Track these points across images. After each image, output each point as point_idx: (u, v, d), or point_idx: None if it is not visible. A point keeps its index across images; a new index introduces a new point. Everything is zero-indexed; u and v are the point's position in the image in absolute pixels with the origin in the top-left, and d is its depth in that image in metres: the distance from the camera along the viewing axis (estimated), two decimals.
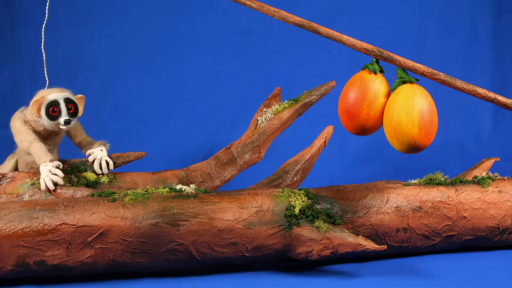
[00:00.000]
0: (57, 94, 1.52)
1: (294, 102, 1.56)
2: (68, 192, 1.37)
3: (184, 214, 1.22)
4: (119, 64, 2.43)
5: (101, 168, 1.53)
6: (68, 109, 1.51)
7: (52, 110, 1.48)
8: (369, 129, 1.30)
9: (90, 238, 1.18)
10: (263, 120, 1.55)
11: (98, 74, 2.43)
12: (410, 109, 1.21)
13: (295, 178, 1.52)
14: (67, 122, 1.49)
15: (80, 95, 1.58)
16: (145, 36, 2.44)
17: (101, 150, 1.56)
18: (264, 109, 1.56)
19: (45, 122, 1.50)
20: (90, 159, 1.54)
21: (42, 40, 1.66)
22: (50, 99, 1.50)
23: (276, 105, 1.56)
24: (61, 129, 1.51)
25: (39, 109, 1.49)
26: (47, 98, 1.50)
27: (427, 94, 1.24)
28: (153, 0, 2.46)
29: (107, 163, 1.54)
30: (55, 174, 1.42)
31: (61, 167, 1.46)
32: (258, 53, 2.40)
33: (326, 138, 1.58)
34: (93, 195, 1.29)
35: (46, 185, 1.41)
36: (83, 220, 1.18)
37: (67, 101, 1.51)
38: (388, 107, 1.25)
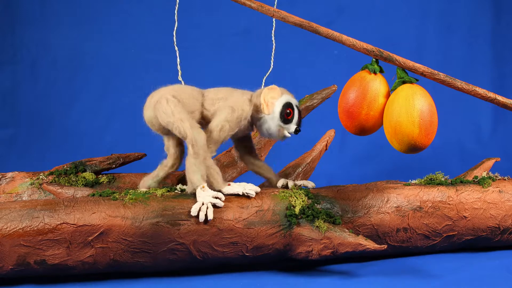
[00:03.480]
0: (291, 98, 1.32)
1: None
2: (68, 192, 1.37)
3: (185, 214, 1.22)
4: (119, 64, 2.44)
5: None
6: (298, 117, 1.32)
7: (288, 112, 1.29)
8: (369, 129, 1.30)
9: (90, 238, 1.18)
10: None
11: (98, 74, 2.44)
12: (410, 109, 1.21)
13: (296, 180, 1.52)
14: (296, 132, 1.31)
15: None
16: (145, 36, 2.44)
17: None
18: None
19: (272, 122, 1.30)
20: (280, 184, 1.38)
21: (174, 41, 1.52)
22: (288, 99, 1.30)
23: None
24: (283, 137, 1.32)
25: (270, 105, 1.29)
26: (284, 96, 1.31)
27: (427, 94, 1.24)
28: (153, 1, 2.46)
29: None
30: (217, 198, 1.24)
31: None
32: (258, 53, 2.41)
33: (327, 141, 1.58)
34: (93, 195, 1.29)
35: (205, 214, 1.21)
36: (84, 219, 1.18)
37: (299, 109, 1.32)
38: (388, 107, 1.26)
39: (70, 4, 2.43)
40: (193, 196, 1.25)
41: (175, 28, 1.45)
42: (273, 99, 1.30)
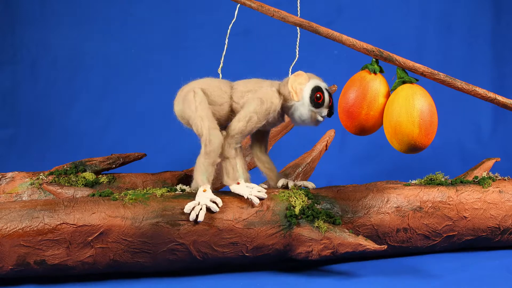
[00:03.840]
0: (320, 81, 1.30)
1: None
2: (68, 192, 1.37)
3: (185, 214, 1.22)
4: (119, 64, 2.44)
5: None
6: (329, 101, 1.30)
7: (317, 96, 1.27)
8: (369, 129, 1.30)
9: (90, 238, 1.18)
10: None
11: (98, 74, 2.44)
12: (410, 109, 1.21)
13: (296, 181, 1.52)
14: (330, 114, 1.30)
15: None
16: (145, 36, 2.44)
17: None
18: None
19: (303, 108, 1.28)
20: (291, 185, 1.37)
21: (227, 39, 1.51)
22: (316, 83, 1.29)
23: None
24: (316, 122, 1.30)
25: (299, 91, 1.28)
26: (312, 81, 1.29)
27: (427, 94, 1.24)
28: (153, 1, 2.46)
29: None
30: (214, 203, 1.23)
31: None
32: (258, 53, 2.41)
33: (327, 141, 1.58)
34: (93, 195, 1.29)
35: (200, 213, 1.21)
36: (84, 219, 1.18)
37: (329, 93, 1.30)
38: (388, 107, 1.25)
39: (70, 4, 2.43)
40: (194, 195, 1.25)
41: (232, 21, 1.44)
42: (301, 85, 1.29)
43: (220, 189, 1.53)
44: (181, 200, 1.24)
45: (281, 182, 1.38)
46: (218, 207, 1.22)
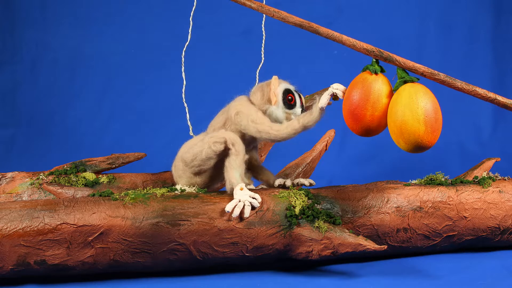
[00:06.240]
0: (288, 84, 1.36)
1: None
2: (68, 192, 1.37)
3: (185, 214, 1.22)
4: (119, 64, 2.44)
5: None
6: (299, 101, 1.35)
7: (289, 98, 1.33)
8: (375, 129, 1.30)
9: (90, 238, 1.18)
10: None
11: (98, 74, 2.44)
12: (415, 108, 1.21)
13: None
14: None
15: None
16: (145, 36, 2.45)
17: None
18: None
19: (278, 111, 1.33)
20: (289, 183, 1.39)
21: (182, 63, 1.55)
22: (285, 87, 1.34)
23: None
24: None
25: (273, 95, 1.33)
26: (281, 85, 1.35)
27: (429, 92, 1.24)
28: (153, 1, 2.47)
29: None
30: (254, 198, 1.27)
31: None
32: (258, 53, 2.40)
33: (327, 142, 1.58)
34: (93, 195, 1.29)
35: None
36: (84, 219, 1.18)
37: (298, 93, 1.36)
38: (391, 107, 1.25)
39: (70, 4, 2.43)
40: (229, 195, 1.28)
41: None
42: (274, 90, 1.33)
43: (219, 189, 1.53)
44: (181, 200, 1.24)
45: (278, 181, 1.38)
46: (259, 202, 1.25)
